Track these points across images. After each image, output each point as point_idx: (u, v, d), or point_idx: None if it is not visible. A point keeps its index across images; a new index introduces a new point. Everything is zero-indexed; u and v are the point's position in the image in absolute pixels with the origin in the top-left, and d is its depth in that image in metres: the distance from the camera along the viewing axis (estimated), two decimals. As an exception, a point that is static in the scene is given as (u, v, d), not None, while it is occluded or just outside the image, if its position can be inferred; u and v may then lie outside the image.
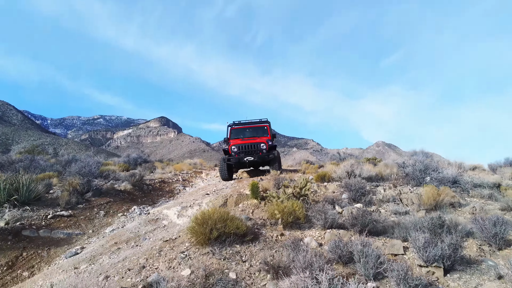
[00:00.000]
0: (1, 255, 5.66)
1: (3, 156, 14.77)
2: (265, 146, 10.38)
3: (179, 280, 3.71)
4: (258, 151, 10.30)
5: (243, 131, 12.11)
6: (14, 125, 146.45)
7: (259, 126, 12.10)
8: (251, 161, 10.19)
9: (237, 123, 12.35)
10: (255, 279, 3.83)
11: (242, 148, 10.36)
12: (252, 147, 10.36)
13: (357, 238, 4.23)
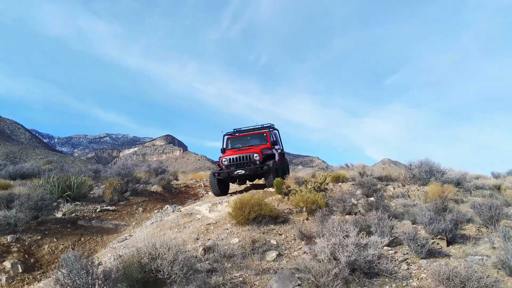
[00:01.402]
0: (65, 239, 6.59)
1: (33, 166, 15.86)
2: (258, 156, 9.13)
3: (230, 245, 4.60)
4: (250, 163, 9.13)
5: (242, 139, 10.90)
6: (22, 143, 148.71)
7: (258, 133, 10.73)
8: (241, 175, 9.05)
9: (233, 132, 11.20)
10: (292, 244, 4.72)
11: (233, 161, 9.30)
12: (244, 158, 9.21)
13: (373, 214, 5.10)
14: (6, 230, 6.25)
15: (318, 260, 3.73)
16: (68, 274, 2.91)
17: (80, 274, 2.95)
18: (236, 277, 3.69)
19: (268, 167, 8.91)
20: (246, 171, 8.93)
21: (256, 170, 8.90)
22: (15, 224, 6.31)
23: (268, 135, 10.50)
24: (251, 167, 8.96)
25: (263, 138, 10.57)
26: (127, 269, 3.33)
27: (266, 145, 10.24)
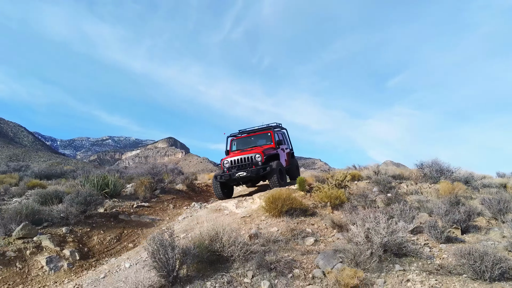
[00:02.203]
0: (110, 231, 7.25)
1: (56, 167, 16.56)
2: (260, 157, 8.82)
3: (271, 233, 5.25)
4: (252, 165, 8.85)
5: (246, 140, 10.64)
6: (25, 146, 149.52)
7: (262, 133, 10.44)
8: (243, 177, 8.77)
9: (236, 133, 10.93)
10: (325, 232, 5.36)
11: (234, 162, 9.04)
12: (246, 160, 8.92)
13: (396, 206, 5.74)
14: (60, 223, 6.92)
15: (355, 242, 4.37)
16: (158, 249, 3.56)
17: (167, 250, 3.59)
18: (286, 256, 4.33)
19: (270, 168, 8.63)
20: (248, 173, 8.67)
21: (258, 171, 8.60)
22: (67, 218, 6.98)
23: (273, 134, 10.13)
24: (253, 169, 8.64)
25: (267, 138, 10.23)
26: (197, 248, 3.98)
27: (270, 145, 9.90)
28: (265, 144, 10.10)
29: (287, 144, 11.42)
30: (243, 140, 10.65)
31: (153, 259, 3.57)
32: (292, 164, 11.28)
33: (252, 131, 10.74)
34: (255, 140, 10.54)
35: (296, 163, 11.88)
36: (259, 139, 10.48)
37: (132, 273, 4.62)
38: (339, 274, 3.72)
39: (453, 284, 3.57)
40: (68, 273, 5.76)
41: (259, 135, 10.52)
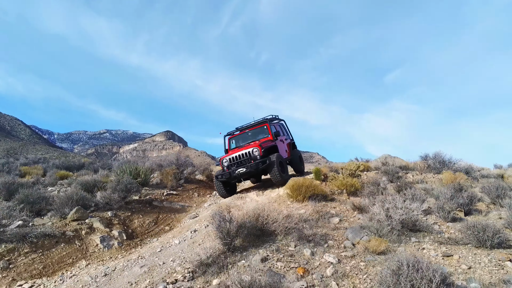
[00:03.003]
0: (148, 215, 8.04)
1: (74, 159, 17.27)
2: (258, 151, 8.65)
3: (300, 214, 6.04)
4: (251, 160, 8.72)
5: (243, 136, 10.51)
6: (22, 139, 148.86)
7: (258, 127, 10.29)
8: (243, 173, 8.64)
9: (232, 131, 10.82)
10: (347, 214, 6.17)
11: (233, 160, 8.95)
12: (244, 156, 8.81)
13: (408, 191, 6.56)
14: (104, 208, 7.71)
15: (376, 220, 5.18)
16: (220, 223, 4.34)
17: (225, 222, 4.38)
18: (319, 231, 5.13)
19: (269, 160, 8.49)
20: (247, 168, 8.55)
21: (257, 165, 8.44)
22: (110, 203, 7.75)
23: (269, 127, 9.95)
24: (252, 164, 8.51)
25: (264, 132, 10.05)
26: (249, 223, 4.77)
27: (268, 138, 9.73)
28: (263, 137, 9.90)
29: (286, 135, 11.28)
30: (241, 137, 10.52)
31: (218, 231, 4.36)
32: (294, 156, 11.06)
33: (248, 127, 10.58)
34: (253, 135, 10.33)
35: (298, 154, 11.60)
36: (256, 134, 10.27)
37: (185, 246, 5.41)
38: (367, 244, 4.53)
39: (460, 250, 4.38)
40: (119, 250, 6.54)
41: (255, 130, 10.33)
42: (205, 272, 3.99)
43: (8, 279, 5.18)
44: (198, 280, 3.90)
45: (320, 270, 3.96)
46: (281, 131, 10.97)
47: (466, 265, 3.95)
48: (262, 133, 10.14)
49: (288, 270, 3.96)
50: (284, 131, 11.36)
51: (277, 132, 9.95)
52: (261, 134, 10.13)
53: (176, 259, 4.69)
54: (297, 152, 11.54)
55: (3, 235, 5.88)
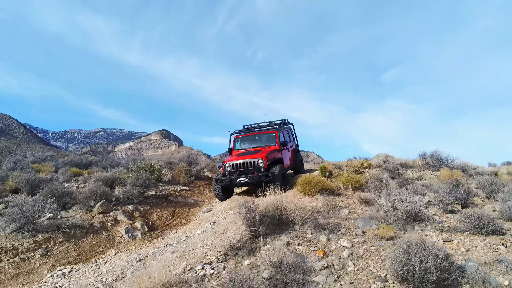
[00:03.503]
0: (165, 209, 8.54)
1: (82, 157, 17.68)
2: (263, 163, 8.55)
3: (313, 206, 6.58)
4: (254, 170, 8.60)
5: (250, 138, 10.31)
6: (17, 138, 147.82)
7: (267, 132, 10.10)
8: (244, 183, 8.64)
9: (240, 131, 10.68)
10: (355, 206, 6.72)
11: (236, 167, 8.79)
12: (248, 165, 8.67)
13: (410, 186, 7.12)
14: (125, 202, 8.19)
15: (383, 211, 5.73)
16: (247, 212, 4.86)
17: (251, 212, 4.91)
18: (332, 221, 5.67)
19: (273, 175, 8.40)
20: (249, 179, 8.48)
21: (260, 178, 8.38)
22: (130, 198, 8.24)
23: (277, 135, 9.81)
24: (255, 176, 8.44)
25: (272, 138, 9.90)
26: (270, 213, 5.30)
27: (274, 146, 9.62)
28: (269, 144, 9.78)
29: (292, 141, 11.28)
30: (247, 139, 10.34)
31: (245, 219, 4.88)
32: (296, 161, 11.14)
33: (257, 130, 10.45)
34: (260, 140, 10.15)
35: (300, 158, 11.73)
36: (264, 140, 10.08)
37: (208, 235, 5.91)
38: (376, 231, 5.07)
39: (459, 237, 4.95)
40: (142, 240, 7.05)
41: (263, 135, 10.15)
42: (235, 254, 4.52)
43: (48, 264, 5.67)
44: (231, 261, 4.42)
45: (337, 253, 4.50)
46: (289, 137, 10.92)
47: (464, 248, 4.51)
48: (270, 140, 9.93)
49: (309, 253, 4.49)
50: (291, 136, 11.26)
51: (284, 142, 9.79)
52: (268, 140, 9.94)
53: (204, 245, 5.20)
54: (299, 156, 11.69)
55: (39, 225, 6.36)
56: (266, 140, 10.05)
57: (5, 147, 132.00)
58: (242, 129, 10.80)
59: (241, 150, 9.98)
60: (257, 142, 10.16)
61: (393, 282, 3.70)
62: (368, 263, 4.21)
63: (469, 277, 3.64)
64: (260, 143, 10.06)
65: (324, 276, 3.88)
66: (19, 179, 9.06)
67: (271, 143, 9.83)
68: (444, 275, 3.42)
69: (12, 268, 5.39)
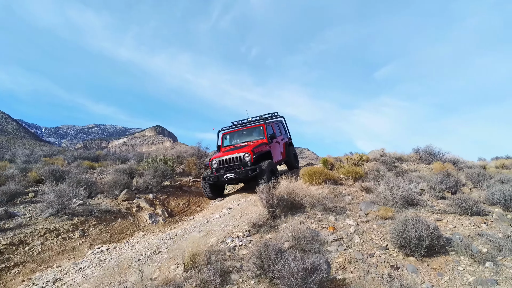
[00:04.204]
0: (181, 198, 9.27)
1: (89, 152, 18.29)
2: (249, 157, 8.38)
3: (319, 194, 7.36)
4: (241, 165, 8.47)
5: (238, 134, 10.21)
6: (9, 133, 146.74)
7: (254, 126, 10.01)
8: (231, 179, 8.47)
9: (227, 127, 10.57)
10: (356, 194, 7.52)
11: (222, 163, 8.67)
12: (234, 160, 8.53)
13: (406, 175, 7.93)
14: (145, 191, 8.91)
15: (383, 196, 6.53)
16: (267, 195, 5.63)
17: (269, 195, 5.67)
18: (337, 205, 6.46)
19: (260, 169, 8.27)
20: (236, 174, 8.37)
21: (246, 173, 8.26)
22: (149, 187, 8.95)
23: (265, 128, 9.68)
24: (241, 171, 8.32)
25: (260, 132, 9.77)
26: (283, 197, 6.06)
27: (263, 140, 9.49)
28: (258, 138, 9.69)
29: (284, 134, 11.17)
30: (235, 134, 10.26)
31: (265, 201, 5.65)
32: (289, 154, 11.04)
33: (244, 124, 10.39)
34: (248, 134, 10.06)
35: (293, 152, 11.62)
36: (252, 134, 10.00)
37: (227, 218, 6.66)
38: (377, 212, 5.87)
39: (448, 217, 5.76)
40: (164, 225, 7.78)
41: (251, 129, 10.07)
42: (258, 231, 5.28)
43: (87, 243, 6.39)
44: (255, 236, 5.18)
45: (345, 229, 5.29)
46: (279, 130, 10.82)
47: (452, 225, 5.33)
48: (257, 133, 9.85)
49: (321, 229, 5.27)
50: (282, 129, 11.16)
51: (273, 135, 9.62)
52: (257, 134, 9.86)
53: (227, 225, 5.95)
54: (293, 150, 11.58)
55: (74, 210, 7.07)
56: (254, 134, 9.91)
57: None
58: (230, 126, 10.70)
59: (229, 147, 9.86)
60: (246, 137, 10.04)
61: (393, 249, 4.50)
62: (371, 237, 5.00)
63: (455, 246, 4.45)
64: (249, 138, 9.92)
65: (335, 246, 4.66)
66: (43, 170, 9.72)
67: (260, 137, 9.68)
68: (434, 242, 4.22)
69: (57, 246, 6.11)
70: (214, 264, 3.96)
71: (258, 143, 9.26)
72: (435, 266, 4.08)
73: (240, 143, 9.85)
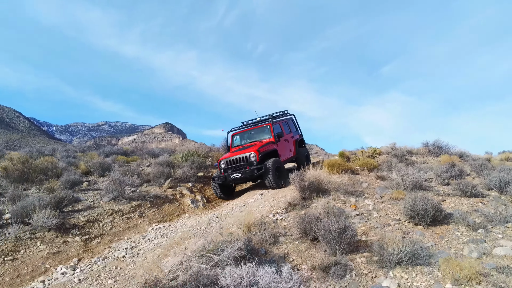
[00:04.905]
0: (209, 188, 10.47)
1: (118, 147, 19.69)
2: (255, 156, 8.64)
3: (339, 181, 8.50)
4: (247, 165, 8.73)
5: (247, 134, 10.48)
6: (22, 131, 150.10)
7: (261, 126, 10.24)
8: (238, 178, 8.78)
9: (236, 128, 10.87)
10: (372, 181, 8.64)
11: (230, 163, 8.99)
12: (240, 160, 8.83)
13: (416, 165, 9.02)
14: (184, 180, 10.15)
15: (395, 183, 7.65)
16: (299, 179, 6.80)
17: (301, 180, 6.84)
18: (357, 190, 7.60)
19: (265, 167, 8.50)
20: (242, 174, 8.66)
21: (252, 172, 8.54)
22: (188, 177, 10.20)
23: (272, 127, 9.88)
24: (247, 170, 8.61)
25: (268, 132, 9.98)
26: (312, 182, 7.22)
27: (270, 139, 9.72)
28: (265, 138, 9.92)
29: (294, 131, 11.37)
30: (244, 134, 10.52)
31: (298, 185, 6.82)
32: (300, 153, 11.15)
33: (254, 124, 10.65)
34: (256, 134, 10.28)
35: (305, 151, 11.66)
36: (259, 133, 10.21)
37: (262, 202, 7.82)
38: (390, 195, 7.00)
39: (450, 198, 6.85)
40: (204, 209, 9.01)
41: (259, 129, 10.30)
42: (293, 208, 6.47)
43: (146, 222, 7.66)
44: (291, 212, 6.36)
45: (364, 207, 6.44)
46: (289, 128, 11.04)
47: (453, 204, 6.44)
48: (265, 133, 10.06)
49: (345, 207, 6.43)
50: (291, 127, 11.34)
51: (280, 133, 9.87)
52: (264, 134, 10.07)
53: (264, 206, 7.14)
54: (304, 149, 11.64)
55: (129, 196, 8.34)
56: (262, 133, 10.15)
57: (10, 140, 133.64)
58: (240, 126, 10.98)
59: (239, 146, 10.21)
60: (254, 137, 10.28)
61: (404, 220, 5.64)
62: (387, 213, 6.15)
63: (454, 218, 5.56)
64: (257, 138, 10.17)
65: (358, 219, 5.82)
66: (92, 163, 11.04)
67: (267, 136, 9.91)
68: (437, 214, 5.36)
69: (123, 223, 7.39)
70: (265, 230, 5.15)
71: (265, 142, 9.53)
72: (438, 232, 5.21)
73: (248, 143, 10.10)
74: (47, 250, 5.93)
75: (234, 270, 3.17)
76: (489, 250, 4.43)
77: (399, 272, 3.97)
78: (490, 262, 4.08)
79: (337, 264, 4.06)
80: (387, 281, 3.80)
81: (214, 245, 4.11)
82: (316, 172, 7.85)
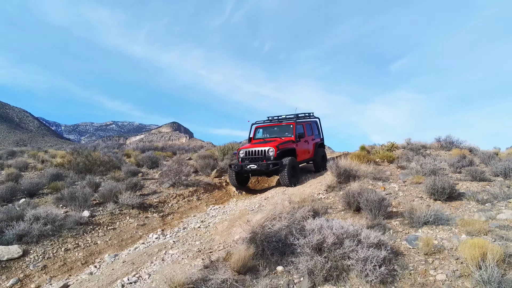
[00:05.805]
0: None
1: (144, 144, 21.27)
2: (273, 152, 9.09)
3: (365, 169, 9.85)
4: (264, 158, 9.18)
5: (269, 129, 10.90)
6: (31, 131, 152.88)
7: (285, 124, 10.65)
8: (253, 169, 9.19)
9: (261, 121, 11.30)
10: (394, 170, 9.99)
11: (248, 154, 9.46)
12: (259, 153, 9.29)
13: (431, 156, 10.35)
14: (226, 171, 11.58)
15: (415, 170, 8.99)
16: (336, 168, 8.19)
17: (338, 168, 8.24)
18: (382, 176, 8.96)
19: (281, 164, 8.93)
20: (258, 166, 9.04)
21: (268, 166, 8.92)
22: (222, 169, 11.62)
23: (294, 127, 10.26)
24: (263, 163, 8.99)
25: (290, 130, 10.36)
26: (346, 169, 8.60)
27: (291, 137, 10.07)
28: (287, 136, 10.27)
29: (316, 134, 11.86)
30: (267, 129, 10.95)
31: (334, 171, 8.22)
32: (317, 155, 11.49)
33: (276, 121, 11.04)
34: (279, 131, 10.65)
35: (322, 153, 11.96)
36: (282, 131, 10.58)
37: (300, 188, 9.20)
38: (412, 180, 8.35)
39: (462, 182, 8.18)
40: (247, 195, 10.42)
41: (282, 126, 10.66)
42: (332, 190, 7.87)
43: (203, 204, 9.12)
44: (331, 193, 7.76)
45: (391, 189, 7.81)
46: (311, 130, 11.53)
47: (465, 186, 7.77)
48: (287, 131, 10.46)
49: (375, 189, 7.80)
50: (314, 130, 11.84)
51: (301, 134, 10.29)
52: (286, 132, 10.48)
53: (305, 190, 8.54)
54: (322, 151, 11.99)
55: (185, 182, 9.80)
56: (284, 131, 10.53)
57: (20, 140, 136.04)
58: (264, 120, 11.43)
59: (260, 139, 10.67)
60: (276, 133, 10.68)
61: (426, 197, 7.01)
62: (411, 192, 7.51)
63: (466, 196, 6.91)
64: (278, 134, 10.57)
65: (387, 197, 7.19)
66: (142, 157, 12.56)
67: (289, 135, 10.30)
68: (452, 191, 6.72)
69: (186, 204, 8.86)
70: (316, 203, 6.55)
71: (285, 140, 9.93)
72: (453, 205, 6.57)
73: (269, 138, 10.55)
74: (136, 222, 7.42)
75: (313, 221, 4.58)
76: (494, 216, 5.78)
77: (426, 230, 5.35)
78: (495, 223, 5.44)
79: (379, 225, 5.46)
80: (418, 234, 5.19)
81: (287, 209, 5.52)
82: (347, 161, 9.21)
